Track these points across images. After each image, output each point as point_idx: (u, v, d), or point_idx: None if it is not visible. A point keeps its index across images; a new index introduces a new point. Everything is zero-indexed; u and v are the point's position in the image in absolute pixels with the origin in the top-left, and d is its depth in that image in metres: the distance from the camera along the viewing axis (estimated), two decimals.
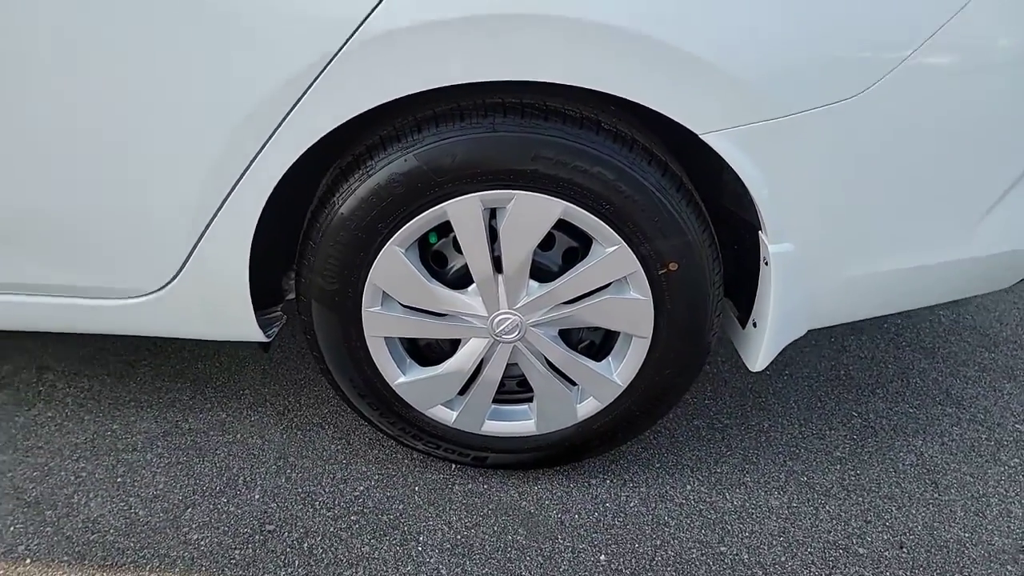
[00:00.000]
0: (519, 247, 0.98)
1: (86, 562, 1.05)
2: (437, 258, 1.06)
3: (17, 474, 1.20)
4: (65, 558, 1.05)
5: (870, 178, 0.94)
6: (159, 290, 1.05)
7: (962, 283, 1.09)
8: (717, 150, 0.90)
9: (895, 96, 0.89)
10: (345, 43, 0.84)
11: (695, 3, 0.83)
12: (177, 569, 1.04)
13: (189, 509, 1.14)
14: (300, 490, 1.18)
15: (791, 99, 0.87)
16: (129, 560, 1.05)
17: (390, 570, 1.05)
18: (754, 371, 1.13)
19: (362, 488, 1.19)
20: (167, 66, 0.87)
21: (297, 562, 1.06)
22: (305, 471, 1.21)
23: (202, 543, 1.08)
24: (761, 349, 1.07)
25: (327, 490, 1.18)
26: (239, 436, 1.29)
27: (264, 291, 1.12)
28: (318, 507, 1.15)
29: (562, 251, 1.05)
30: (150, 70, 0.87)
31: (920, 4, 0.87)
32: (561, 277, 1.02)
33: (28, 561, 1.05)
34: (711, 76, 0.85)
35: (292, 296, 1.14)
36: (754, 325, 1.08)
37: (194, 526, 1.11)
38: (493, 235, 0.99)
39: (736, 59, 0.85)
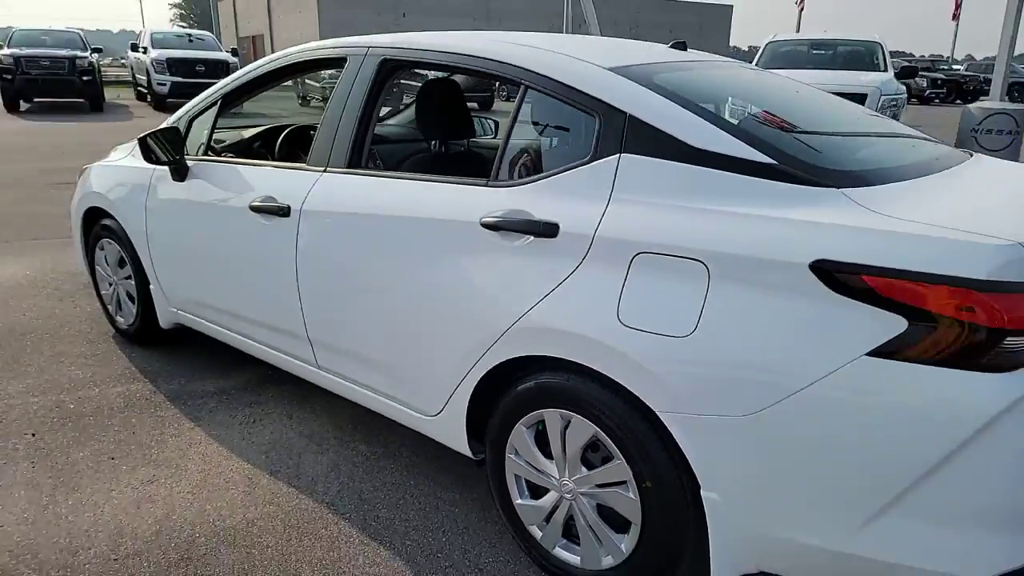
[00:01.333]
0: (574, 443, 1.79)
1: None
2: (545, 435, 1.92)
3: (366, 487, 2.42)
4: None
5: (770, 466, 1.46)
6: (435, 415, 2.15)
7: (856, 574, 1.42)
8: (664, 422, 1.57)
9: (778, 420, 1.43)
10: (507, 330, 1.83)
11: (660, 354, 1.56)
12: None
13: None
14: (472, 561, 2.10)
15: (706, 406, 1.51)
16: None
17: None
18: None
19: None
20: (455, 314, 1.98)
21: None
22: (487, 543, 2.13)
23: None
24: (712, 570, 1.59)
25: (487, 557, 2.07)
26: (461, 506, 2.28)
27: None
28: None
29: (603, 455, 1.79)
30: (450, 313, 2.00)
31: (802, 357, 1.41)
32: (595, 469, 1.76)
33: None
34: (662, 384, 1.56)
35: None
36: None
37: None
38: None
39: (672, 381, 1.54)
